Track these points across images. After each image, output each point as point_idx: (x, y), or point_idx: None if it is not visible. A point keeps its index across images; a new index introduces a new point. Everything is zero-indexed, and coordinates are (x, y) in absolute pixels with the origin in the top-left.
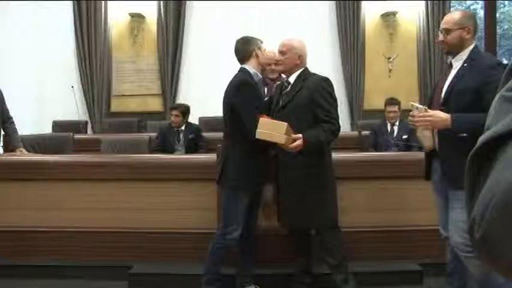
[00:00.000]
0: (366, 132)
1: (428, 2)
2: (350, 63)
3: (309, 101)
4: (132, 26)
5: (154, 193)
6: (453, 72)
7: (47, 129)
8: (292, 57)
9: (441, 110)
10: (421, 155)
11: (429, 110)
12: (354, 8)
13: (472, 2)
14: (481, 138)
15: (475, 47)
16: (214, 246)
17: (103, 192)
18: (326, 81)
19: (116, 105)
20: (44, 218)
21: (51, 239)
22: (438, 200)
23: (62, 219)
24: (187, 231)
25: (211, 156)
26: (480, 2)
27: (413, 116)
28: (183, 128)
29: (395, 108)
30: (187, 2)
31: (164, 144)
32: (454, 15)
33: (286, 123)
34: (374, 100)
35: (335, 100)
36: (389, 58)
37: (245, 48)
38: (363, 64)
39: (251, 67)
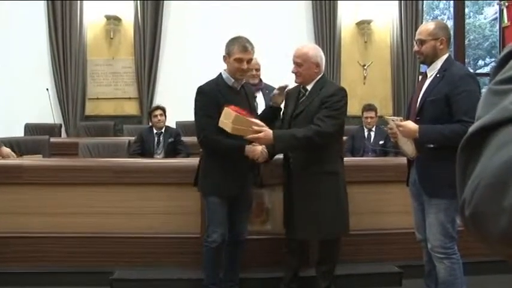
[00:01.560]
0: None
1: (402, 11)
2: (326, 70)
3: (319, 110)
4: (108, 28)
5: (136, 197)
6: (427, 82)
7: (18, 133)
8: (310, 67)
9: (416, 120)
10: (398, 160)
11: (403, 120)
12: (330, 16)
13: (439, 13)
14: (470, 129)
15: (449, 57)
16: (203, 250)
17: (82, 197)
18: (341, 91)
19: (90, 109)
20: (22, 223)
21: (29, 245)
22: (413, 204)
23: (41, 225)
24: (169, 235)
25: (193, 161)
26: (448, 12)
27: (391, 129)
28: (162, 131)
29: (373, 114)
30: (165, 3)
31: (143, 148)
32: (428, 26)
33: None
34: (349, 107)
35: (341, 112)
36: (364, 65)
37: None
38: (338, 71)
39: (225, 71)
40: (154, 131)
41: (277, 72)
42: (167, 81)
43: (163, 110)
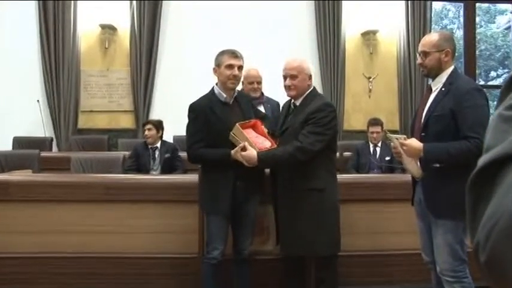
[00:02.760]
0: (347, 154)
1: (409, 21)
2: (330, 82)
3: (304, 125)
4: (102, 37)
5: (131, 215)
6: (432, 96)
7: (6, 146)
8: (304, 79)
9: (421, 136)
10: (401, 177)
11: (407, 139)
12: (333, 26)
13: (448, 22)
14: (480, 162)
15: (454, 69)
16: (202, 267)
17: (74, 215)
18: (327, 106)
19: (83, 122)
20: (9, 243)
21: (17, 266)
22: (419, 224)
23: (29, 244)
24: (165, 255)
25: (190, 177)
26: (457, 21)
27: (395, 148)
28: (158, 145)
29: (378, 128)
30: (162, 12)
31: (138, 163)
32: (431, 37)
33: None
34: (353, 121)
35: (328, 128)
36: (369, 78)
37: (214, 64)
38: (342, 83)
39: (217, 86)
40: (150, 146)
41: (278, 86)
42: (164, 93)
43: (154, 124)
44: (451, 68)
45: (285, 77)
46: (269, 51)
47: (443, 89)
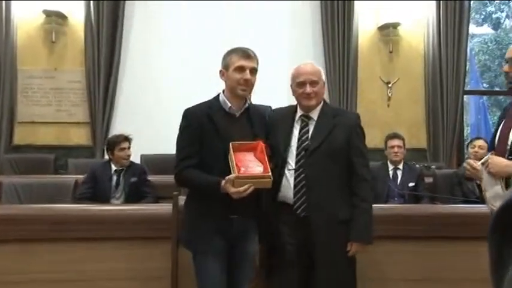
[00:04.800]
0: None
1: (441, 10)
2: (337, 88)
3: (346, 144)
4: (47, 27)
5: (85, 258)
6: None
7: None
8: (322, 85)
9: (510, 160)
10: (464, 208)
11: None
12: (344, 19)
13: (493, 9)
14: (497, 210)
15: None
16: None
17: (10, 259)
18: (359, 118)
19: (21, 137)
20: None
21: None
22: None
23: None
24: None
25: (163, 208)
26: (507, 8)
27: (472, 166)
28: (124, 168)
29: (400, 142)
30: None
31: (96, 190)
32: None
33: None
34: (368, 136)
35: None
36: (388, 83)
37: (221, 65)
38: (354, 89)
39: (223, 93)
40: (113, 168)
41: (271, 90)
42: (130, 101)
43: (129, 140)
44: None
45: (302, 84)
46: (260, 48)
47: None
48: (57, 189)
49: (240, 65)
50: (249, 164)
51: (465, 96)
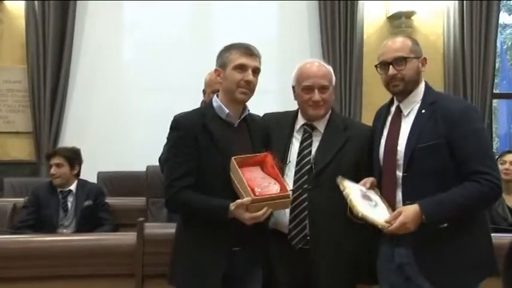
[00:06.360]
0: None
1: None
2: (339, 90)
3: (358, 163)
4: None
5: None
6: (406, 122)
7: None
8: (332, 92)
9: (404, 177)
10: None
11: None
12: (346, 5)
13: None
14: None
15: (426, 84)
16: None
17: None
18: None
19: None
20: None
21: None
22: None
23: None
24: None
25: (125, 237)
26: None
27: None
28: (72, 188)
29: None
30: None
31: (40, 216)
32: (406, 40)
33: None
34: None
35: None
36: None
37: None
38: (359, 91)
39: (218, 98)
40: (59, 189)
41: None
42: (83, 107)
43: (65, 155)
44: (423, 83)
45: (309, 88)
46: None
47: (423, 111)
48: None
49: (241, 63)
50: (262, 183)
51: (494, 100)
